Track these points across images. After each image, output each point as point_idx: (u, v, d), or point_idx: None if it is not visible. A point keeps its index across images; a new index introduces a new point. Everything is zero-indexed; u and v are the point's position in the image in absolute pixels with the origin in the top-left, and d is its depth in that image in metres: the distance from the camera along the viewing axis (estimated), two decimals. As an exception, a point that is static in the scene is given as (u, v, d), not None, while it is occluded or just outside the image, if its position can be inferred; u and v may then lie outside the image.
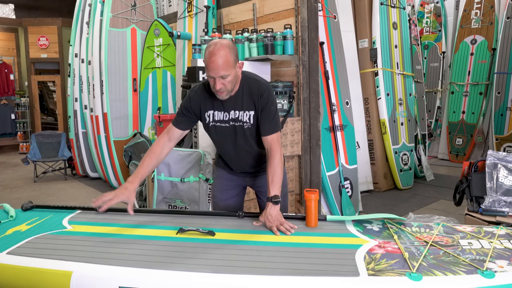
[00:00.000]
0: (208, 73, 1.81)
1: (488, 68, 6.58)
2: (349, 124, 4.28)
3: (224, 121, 1.98)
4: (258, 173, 2.17)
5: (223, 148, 2.12)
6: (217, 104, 1.96)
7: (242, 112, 1.96)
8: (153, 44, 5.27)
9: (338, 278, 1.33)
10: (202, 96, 1.97)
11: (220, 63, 1.75)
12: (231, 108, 1.95)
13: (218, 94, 1.86)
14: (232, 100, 1.94)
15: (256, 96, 1.93)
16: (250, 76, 1.98)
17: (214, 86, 1.82)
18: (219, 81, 1.79)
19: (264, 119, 1.95)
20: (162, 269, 1.41)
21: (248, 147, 2.05)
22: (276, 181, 1.91)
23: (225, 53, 1.76)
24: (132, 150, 5.13)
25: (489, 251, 1.51)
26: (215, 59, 1.75)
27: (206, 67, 1.80)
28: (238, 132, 2.00)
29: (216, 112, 1.97)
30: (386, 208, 4.48)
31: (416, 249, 1.56)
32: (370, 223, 1.87)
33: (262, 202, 2.23)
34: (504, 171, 2.38)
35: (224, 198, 2.22)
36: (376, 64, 5.13)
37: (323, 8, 4.08)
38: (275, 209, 1.86)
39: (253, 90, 1.93)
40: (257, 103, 1.93)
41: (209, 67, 1.78)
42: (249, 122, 1.97)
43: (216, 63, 1.75)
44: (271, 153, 1.96)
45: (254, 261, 1.48)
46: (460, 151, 6.98)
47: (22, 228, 1.81)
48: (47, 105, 11.27)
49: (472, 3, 6.77)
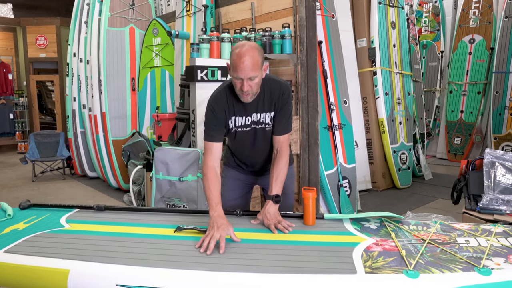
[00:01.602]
0: (235, 75, 1.78)
1: (487, 67, 6.59)
2: (347, 123, 4.29)
3: (246, 126, 1.97)
4: (268, 170, 2.14)
5: (239, 149, 2.11)
6: (238, 109, 1.93)
7: (264, 114, 1.95)
8: (152, 43, 5.27)
9: (336, 276, 1.33)
10: (224, 102, 1.93)
11: (249, 64, 1.74)
12: (253, 110, 1.94)
13: (243, 96, 1.83)
14: (254, 102, 1.91)
15: (277, 96, 1.92)
16: (270, 77, 1.96)
17: (241, 88, 1.79)
18: (247, 83, 1.77)
19: (280, 119, 1.96)
20: (159, 267, 1.41)
21: (265, 146, 2.05)
22: (280, 181, 1.93)
23: (254, 54, 1.75)
24: (130, 150, 5.13)
25: (486, 248, 1.52)
26: (245, 60, 1.73)
27: (234, 68, 1.77)
28: (259, 134, 1.99)
29: (238, 117, 1.95)
30: (385, 207, 4.49)
31: (414, 247, 1.56)
32: (367, 221, 1.87)
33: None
34: (501, 170, 2.38)
35: (232, 198, 2.20)
36: (375, 63, 5.13)
37: (321, 7, 4.08)
38: (274, 207, 1.86)
39: (274, 91, 1.93)
40: (277, 103, 1.93)
41: (238, 68, 1.75)
42: (270, 124, 1.97)
43: (245, 64, 1.73)
44: (280, 153, 1.97)
45: (252, 259, 1.49)
46: (459, 150, 6.99)
47: (20, 227, 1.81)
48: (46, 105, 11.25)
49: (470, 3, 6.78)
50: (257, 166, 2.16)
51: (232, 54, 1.80)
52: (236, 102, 1.92)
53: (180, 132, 3.57)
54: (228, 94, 1.93)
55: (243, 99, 1.85)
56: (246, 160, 2.15)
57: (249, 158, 2.13)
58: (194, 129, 3.22)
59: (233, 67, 1.78)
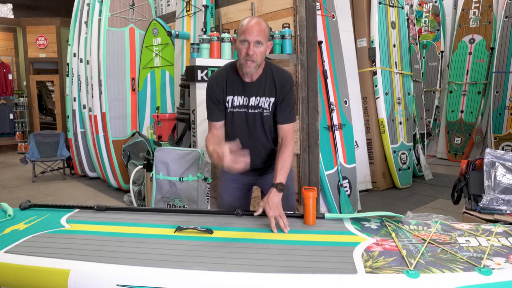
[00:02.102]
0: (242, 37, 1.79)
1: (487, 67, 6.59)
2: (347, 123, 4.29)
3: (243, 106, 1.96)
4: (268, 169, 2.13)
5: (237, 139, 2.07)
6: (238, 89, 1.94)
7: (263, 99, 1.95)
8: (152, 43, 5.27)
9: (336, 276, 1.33)
10: (223, 80, 1.95)
11: (257, 28, 1.78)
12: (252, 93, 1.94)
13: (246, 65, 1.82)
14: (255, 85, 1.93)
15: (279, 83, 1.93)
16: (273, 64, 1.99)
17: (246, 52, 1.79)
18: (253, 46, 1.78)
19: (283, 108, 1.97)
20: (160, 267, 1.41)
21: (264, 139, 2.04)
22: (284, 170, 1.92)
23: (262, 23, 1.81)
24: (130, 150, 5.13)
25: (487, 248, 1.52)
26: (254, 24, 1.78)
27: (242, 31, 1.79)
28: (257, 120, 1.98)
29: (236, 97, 1.95)
30: (385, 207, 4.49)
31: (414, 246, 1.56)
32: (368, 221, 1.87)
33: None
34: (502, 170, 2.39)
35: (231, 200, 2.17)
36: (375, 63, 5.13)
37: (321, 7, 4.08)
38: (278, 196, 1.86)
39: (277, 77, 1.94)
40: (278, 90, 1.94)
41: (246, 30, 1.78)
42: (268, 109, 1.96)
43: (254, 27, 1.78)
44: (284, 142, 1.97)
45: (252, 259, 1.49)
46: (459, 150, 6.99)
47: (20, 227, 1.81)
48: (46, 105, 11.26)
49: (470, 3, 6.78)
50: (257, 164, 2.09)
51: (241, 23, 1.84)
52: (237, 82, 1.93)
53: (181, 132, 3.56)
54: (229, 72, 1.95)
55: (246, 68, 1.84)
56: None
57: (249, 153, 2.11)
58: (195, 129, 3.22)
59: (241, 31, 1.81)
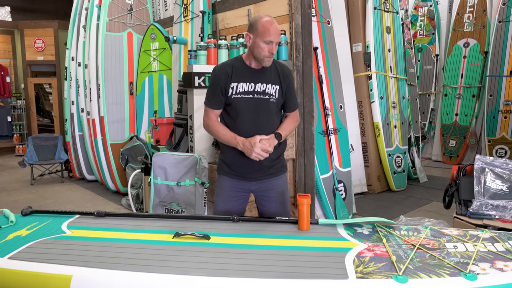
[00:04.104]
0: (268, 39, 1.97)
1: (481, 71, 6.67)
2: (342, 127, 4.35)
3: (249, 92, 2.07)
4: (266, 175, 2.17)
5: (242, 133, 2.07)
6: (244, 76, 2.07)
7: (270, 86, 2.09)
8: (150, 48, 5.32)
9: (328, 281, 1.39)
10: (229, 68, 2.08)
11: (278, 31, 2.01)
12: (259, 80, 2.07)
13: (267, 60, 2.02)
14: (261, 72, 2.08)
15: (282, 73, 2.12)
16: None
17: (269, 51, 1.99)
18: (275, 47, 2.01)
19: (290, 96, 2.16)
20: (159, 272, 1.46)
21: (268, 128, 2.10)
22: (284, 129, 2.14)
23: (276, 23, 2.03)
24: (128, 153, 5.18)
25: (473, 254, 1.58)
26: (275, 25, 1.99)
27: (268, 32, 1.97)
28: (262, 106, 2.08)
29: (242, 83, 2.07)
30: (380, 210, 4.55)
31: (404, 252, 1.62)
32: (360, 227, 1.93)
33: (262, 208, 2.25)
34: (491, 175, 2.45)
35: (227, 209, 2.20)
36: (370, 67, 5.20)
37: (317, 14, 4.14)
38: (274, 140, 2.04)
39: (279, 67, 2.15)
40: (282, 79, 2.11)
41: (271, 32, 1.97)
42: (275, 96, 2.08)
43: (277, 29, 1.99)
44: (291, 116, 2.21)
45: (247, 264, 1.54)
46: (453, 153, 7.07)
47: (23, 233, 1.85)
48: (43, 107, 11.28)
49: (465, 7, 6.87)
50: (255, 166, 2.11)
51: (258, 22, 2.00)
52: (243, 69, 2.07)
53: (178, 137, 3.62)
54: (235, 62, 2.11)
55: (266, 63, 2.03)
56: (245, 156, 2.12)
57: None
58: (192, 134, 3.28)
59: (266, 32, 1.97)
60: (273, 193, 2.20)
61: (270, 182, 2.18)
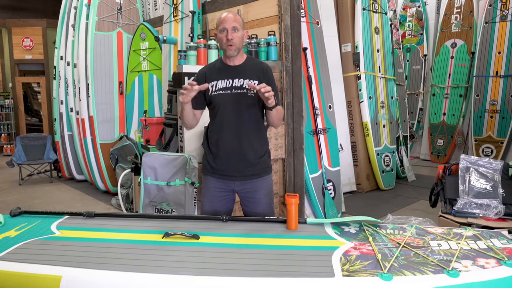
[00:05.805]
0: (221, 27, 2.06)
1: (468, 71, 6.77)
2: (331, 127, 4.39)
3: (227, 88, 2.12)
4: (249, 176, 2.18)
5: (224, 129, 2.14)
6: (222, 74, 2.14)
7: (247, 80, 2.12)
8: (139, 47, 5.31)
9: (314, 279, 1.42)
10: (208, 69, 2.20)
11: (232, 16, 2.07)
12: (236, 76, 2.13)
13: (228, 48, 2.07)
14: (238, 68, 2.14)
15: (261, 70, 2.16)
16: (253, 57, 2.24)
17: (226, 38, 2.05)
18: (231, 33, 2.05)
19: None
20: (149, 272, 1.48)
21: (251, 121, 2.14)
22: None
23: (236, 14, 2.11)
24: (118, 153, 5.17)
25: (456, 251, 1.62)
26: (229, 15, 2.07)
27: (220, 23, 2.07)
28: (242, 102, 2.11)
29: (220, 81, 2.14)
30: (368, 208, 4.60)
31: (389, 250, 1.65)
32: (347, 226, 1.96)
33: (246, 209, 2.27)
34: (475, 175, 2.50)
35: (214, 209, 2.22)
36: (359, 68, 5.25)
37: (306, 15, 4.18)
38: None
39: (258, 65, 2.20)
40: (262, 75, 2.15)
41: (223, 21, 2.06)
42: (253, 91, 2.10)
43: (229, 16, 2.07)
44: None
45: (236, 263, 1.56)
46: (441, 151, 7.17)
47: (11, 234, 1.85)
48: (31, 106, 11.17)
49: (452, 8, 6.96)
50: (240, 164, 2.15)
51: (218, 18, 2.12)
52: (221, 68, 2.15)
53: (168, 137, 3.62)
54: (215, 63, 2.22)
55: (229, 51, 2.08)
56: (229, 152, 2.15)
57: (234, 146, 2.14)
58: (182, 134, 3.29)
59: (219, 22, 2.08)
60: (257, 194, 2.21)
61: (254, 183, 2.19)
